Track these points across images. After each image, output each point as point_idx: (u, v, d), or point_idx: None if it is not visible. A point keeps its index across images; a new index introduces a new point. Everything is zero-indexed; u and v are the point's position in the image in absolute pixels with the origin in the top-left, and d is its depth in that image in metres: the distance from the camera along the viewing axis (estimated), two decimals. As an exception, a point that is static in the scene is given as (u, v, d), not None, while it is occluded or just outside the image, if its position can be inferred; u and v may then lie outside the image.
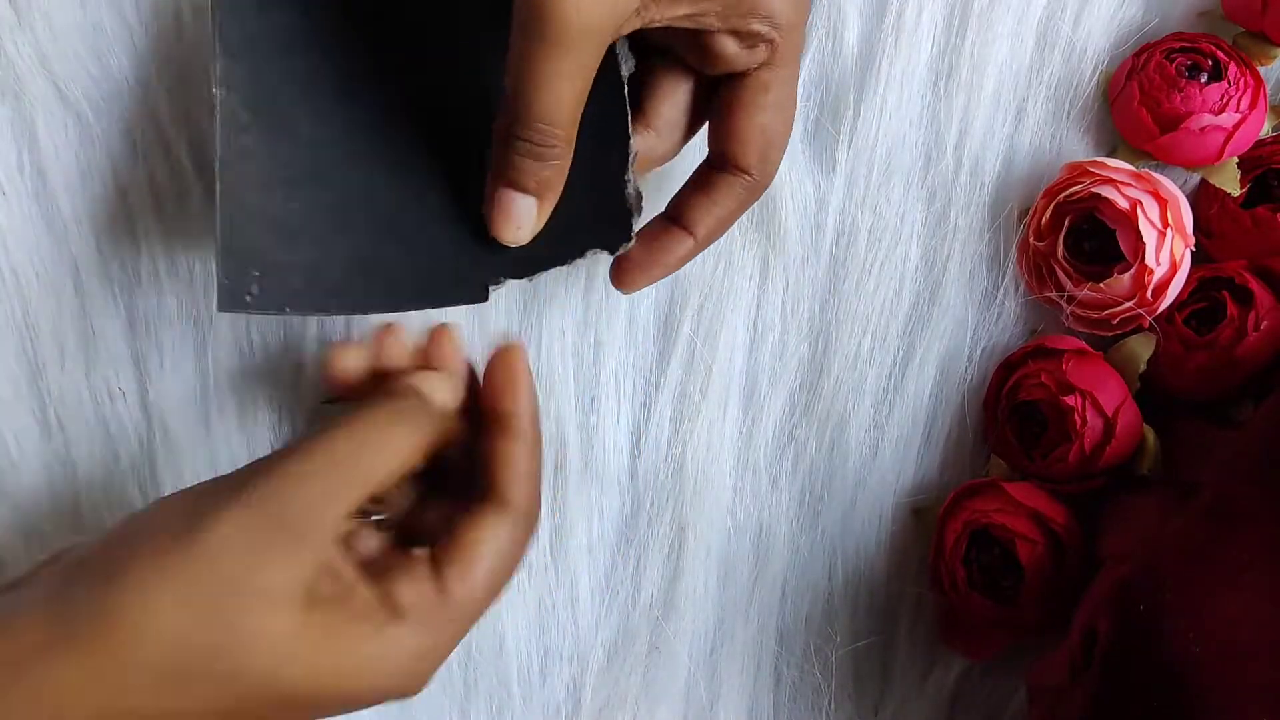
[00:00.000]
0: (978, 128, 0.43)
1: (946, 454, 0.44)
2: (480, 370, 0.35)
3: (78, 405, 0.41)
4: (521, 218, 0.35)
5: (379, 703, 0.31)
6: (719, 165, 0.36)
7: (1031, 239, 0.42)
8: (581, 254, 0.36)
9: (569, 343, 0.43)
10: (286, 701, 0.29)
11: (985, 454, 0.44)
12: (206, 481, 0.31)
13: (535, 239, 0.35)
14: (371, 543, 0.33)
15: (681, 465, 0.43)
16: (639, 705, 0.44)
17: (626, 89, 0.36)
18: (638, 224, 0.37)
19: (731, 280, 0.43)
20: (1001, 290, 0.43)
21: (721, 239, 0.43)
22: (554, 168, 0.34)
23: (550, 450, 0.43)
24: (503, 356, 0.35)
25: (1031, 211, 0.42)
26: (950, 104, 0.43)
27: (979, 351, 0.44)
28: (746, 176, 0.36)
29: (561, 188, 0.35)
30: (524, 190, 0.34)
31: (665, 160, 0.38)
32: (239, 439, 0.42)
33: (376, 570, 0.31)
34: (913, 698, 0.44)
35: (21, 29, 0.39)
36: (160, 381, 0.41)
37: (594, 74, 0.32)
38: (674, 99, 0.37)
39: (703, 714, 0.45)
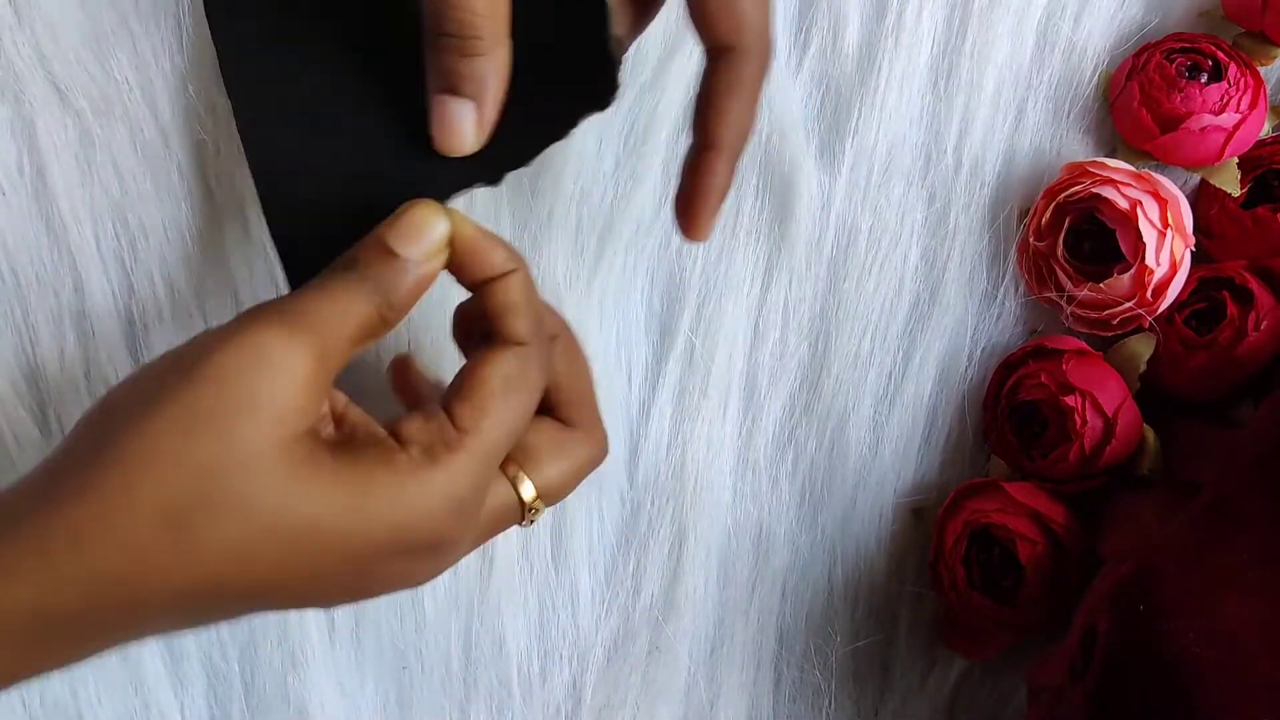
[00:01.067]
0: (978, 128, 0.43)
1: (946, 454, 0.44)
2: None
3: (78, 405, 0.41)
4: (460, 124, 0.32)
5: (409, 554, 0.30)
6: (714, 55, 0.33)
7: (1031, 239, 0.42)
8: (573, 124, 0.33)
9: (569, 343, 0.43)
10: (301, 540, 0.28)
11: (985, 454, 0.44)
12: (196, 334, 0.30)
13: (499, 135, 0.33)
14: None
15: (681, 465, 0.43)
16: (639, 705, 0.44)
17: None
18: (624, 73, 0.34)
19: (731, 280, 0.43)
20: (1001, 290, 0.43)
21: (722, 238, 0.43)
22: (485, 63, 0.31)
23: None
24: (458, 242, 0.32)
25: (1031, 211, 0.42)
26: (950, 104, 0.43)
27: (979, 351, 0.44)
28: (736, 55, 0.33)
29: (503, 86, 0.32)
30: (458, 94, 0.32)
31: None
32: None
33: (386, 423, 0.31)
34: (913, 698, 0.44)
35: (21, 29, 0.39)
36: (160, 381, 0.41)
37: None
38: None
39: (703, 714, 0.45)
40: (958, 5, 0.43)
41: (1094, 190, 0.40)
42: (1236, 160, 0.41)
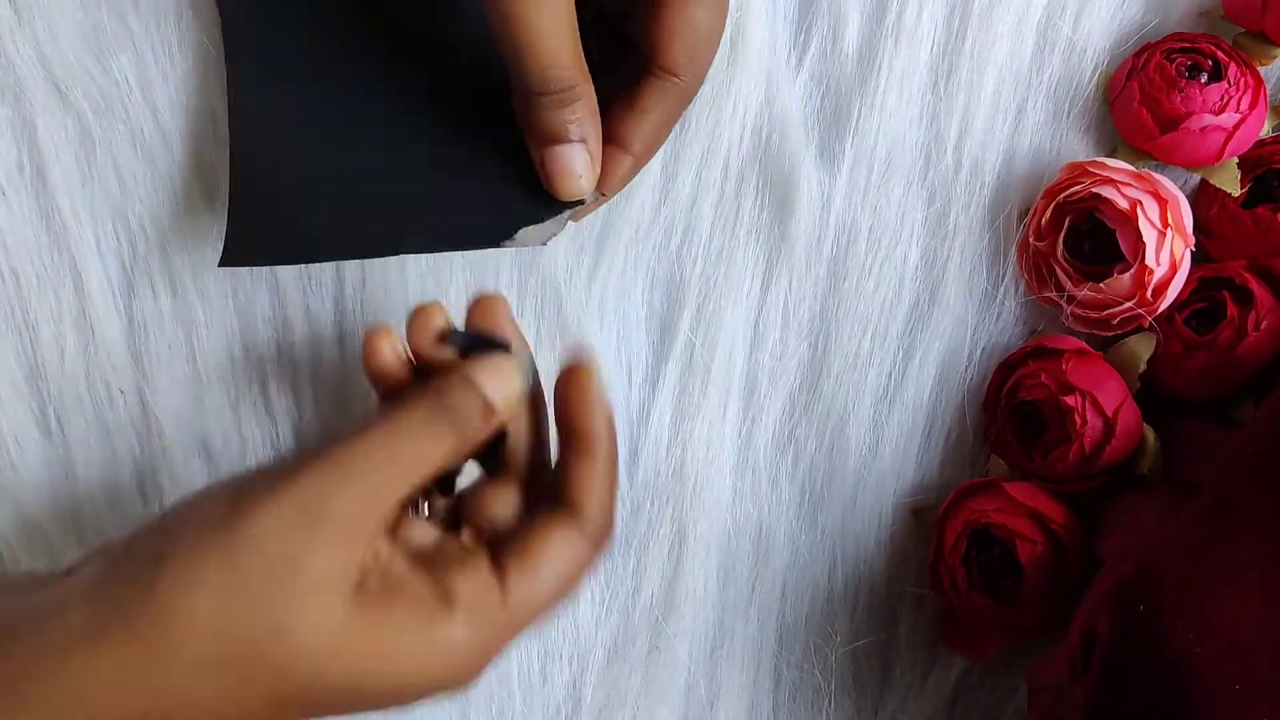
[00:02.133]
0: (978, 128, 0.43)
1: (946, 454, 0.44)
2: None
3: (78, 405, 0.41)
4: (577, 167, 0.34)
5: (428, 698, 0.31)
6: (646, 69, 0.35)
7: (1031, 239, 0.42)
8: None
9: (568, 343, 0.43)
10: (333, 695, 0.29)
11: (985, 454, 0.44)
12: (249, 470, 0.30)
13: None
14: (424, 533, 0.32)
15: (681, 465, 0.43)
16: (639, 705, 0.44)
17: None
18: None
19: (731, 280, 0.43)
20: (1001, 290, 0.43)
21: (723, 238, 0.43)
22: (583, 106, 0.33)
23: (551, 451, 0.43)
24: (573, 374, 0.33)
25: (1031, 211, 0.42)
26: (950, 104, 0.43)
27: (979, 351, 0.44)
28: (674, 79, 0.35)
29: (599, 122, 0.34)
30: (567, 141, 0.33)
31: (693, 95, 0.37)
32: (236, 441, 0.42)
33: (430, 561, 0.31)
34: (913, 698, 0.44)
35: (21, 29, 0.39)
36: (159, 381, 0.41)
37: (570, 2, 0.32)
38: (690, 30, 0.35)
39: (703, 714, 0.45)
40: (958, 5, 0.43)
41: (1094, 190, 0.40)
42: (1236, 160, 0.41)
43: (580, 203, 0.36)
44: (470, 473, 0.36)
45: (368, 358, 0.34)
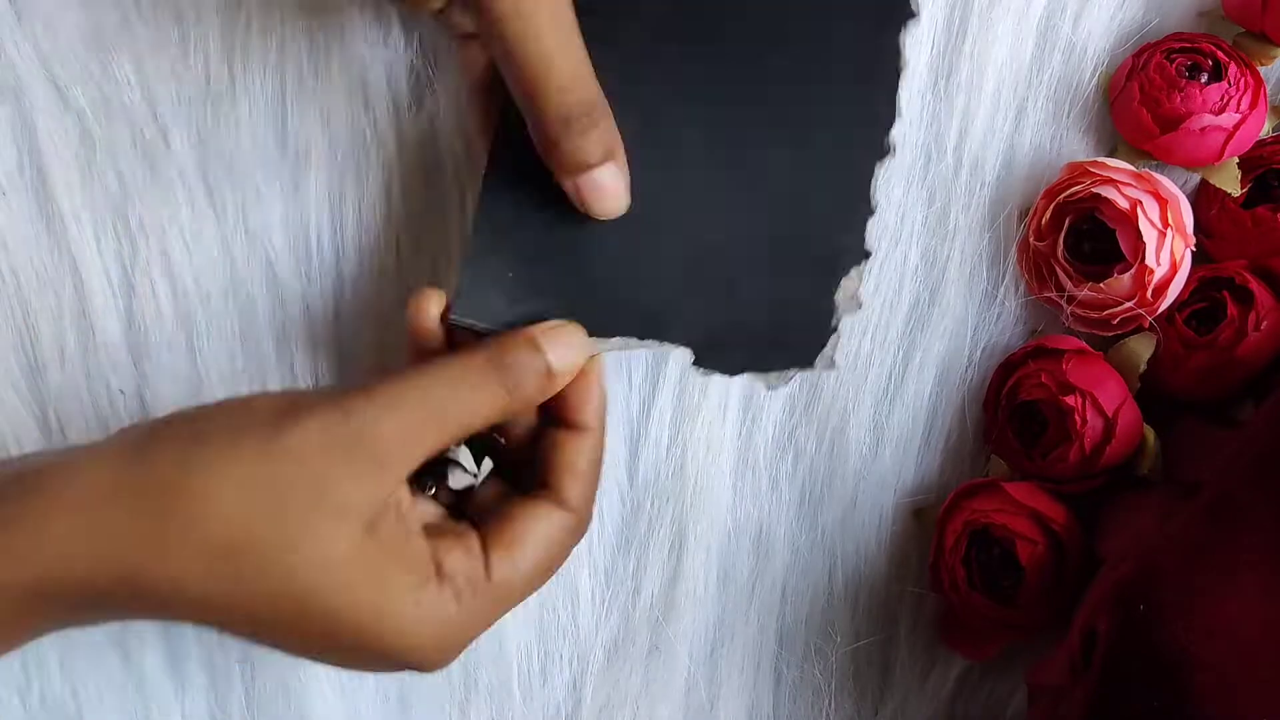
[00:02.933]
0: (978, 128, 0.43)
1: (946, 454, 0.44)
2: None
3: (78, 405, 0.41)
4: (608, 186, 0.34)
5: (397, 666, 0.31)
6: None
7: (1031, 239, 0.42)
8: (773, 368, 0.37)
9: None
10: (321, 623, 0.29)
11: (985, 454, 0.44)
12: (302, 389, 0.31)
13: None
14: (428, 510, 0.33)
15: (681, 465, 0.43)
16: (639, 705, 0.44)
17: None
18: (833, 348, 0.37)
19: (731, 280, 0.43)
20: (1001, 290, 0.43)
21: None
22: (603, 126, 0.33)
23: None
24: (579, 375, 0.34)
25: (1031, 211, 0.42)
26: (950, 104, 0.43)
27: (979, 351, 0.44)
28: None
29: (619, 138, 0.34)
30: (593, 164, 0.33)
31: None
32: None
33: (432, 533, 0.31)
34: (913, 698, 0.44)
35: (21, 29, 0.39)
36: (159, 382, 0.41)
37: (572, 12, 0.31)
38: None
39: (703, 714, 0.45)
40: (958, 5, 0.43)
41: (1094, 190, 0.40)
42: (1236, 160, 0.41)
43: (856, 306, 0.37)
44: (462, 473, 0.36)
45: (415, 314, 0.34)
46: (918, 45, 0.43)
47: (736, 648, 0.44)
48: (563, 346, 0.33)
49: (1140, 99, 0.41)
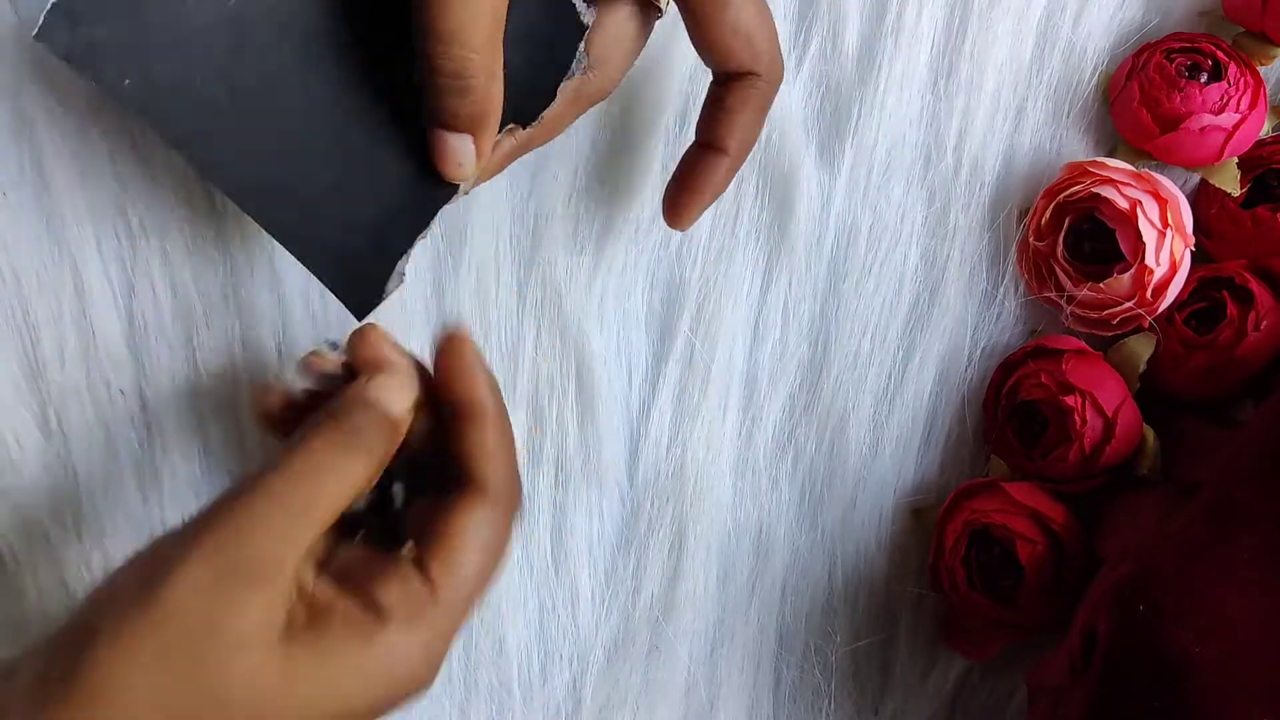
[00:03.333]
0: (978, 128, 0.43)
1: (946, 454, 0.44)
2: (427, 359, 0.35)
3: (78, 405, 0.41)
4: (459, 155, 0.34)
5: (394, 708, 0.31)
6: (719, 79, 0.36)
7: (1031, 239, 0.42)
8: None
9: (569, 343, 0.43)
10: None
11: (985, 454, 0.44)
12: (159, 537, 0.30)
13: None
14: (349, 554, 0.32)
15: (681, 465, 0.43)
16: (639, 705, 0.44)
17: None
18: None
19: (731, 280, 0.43)
20: (1001, 290, 0.43)
21: (722, 238, 0.43)
22: (479, 102, 0.33)
23: (551, 451, 0.43)
24: (449, 345, 0.34)
25: (1031, 211, 0.42)
26: (950, 104, 0.43)
27: (979, 351, 0.44)
28: (750, 77, 0.35)
29: (497, 118, 0.34)
30: (456, 129, 0.33)
31: (604, 96, 0.37)
32: (236, 440, 0.42)
33: (357, 580, 0.31)
34: (913, 698, 0.44)
35: (22, 29, 0.39)
36: (159, 382, 0.41)
37: None
38: (610, 32, 0.35)
39: (703, 714, 0.45)
40: (958, 5, 0.43)
41: (1094, 190, 0.40)
42: (1236, 160, 0.41)
43: (454, 192, 0.35)
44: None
45: (254, 409, 0.35)
46: (918, 45, 0.43)
47: (736, 648, 0.44)
48: (394, 390, 0.33)
49: (1140, 99, 0.41)
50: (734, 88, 0.35)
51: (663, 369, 0.43)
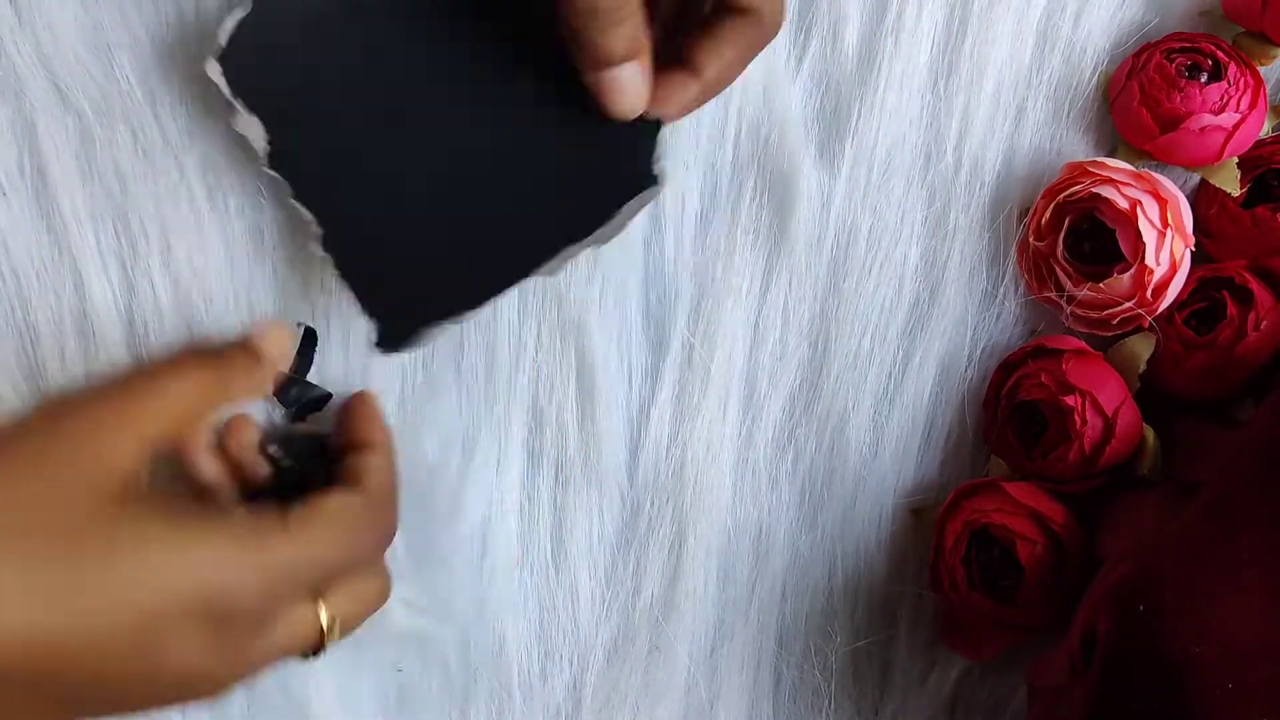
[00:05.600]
0: (978, 128, 0.43)
1: (946, 454, 0.44)
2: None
3: (78, 405, 0.41)
4: (628, 85, 0.34)
5: (203, 616, 0.29)
6: (716, 8, 0.35)
7: (1031, 239, 0.42)
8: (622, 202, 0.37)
9: (569, 343, 0.43)
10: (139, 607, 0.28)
11: (985, 454, 0.44)
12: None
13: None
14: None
15: (681, 465, 0.43)
16: (639, 705, 0.44)
17: None
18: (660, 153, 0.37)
19: (731, 280, 0.43)
20: (1001, 290, 0.43)
21: (722, 238, 0.43)
22: (635, 27, 0.33)
23: (551, 451, 0.43)
24: (364, 395, 0.39)
25: (1031, 211, 0.42)
26: (950, 104, 0.43)
27: (979, 351, 0.44)
28: (751, 14, 0.35)
29: (649, 37, 0.34)
30: (616, 60, 0.33)
31: (774, 37, 0.37)
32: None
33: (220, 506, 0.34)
34: (913, 698, 0.44)
35: (21, 29, 0.39)
36: (160, 381, 0.41)
37: None
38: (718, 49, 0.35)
39: (703, 714, 0.45)
40: (958, 5, 0.43)
41: (1094, 190, 0.40)
42: (1236, 160, 0.41)
43: (657, 128, 0.36)
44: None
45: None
46: (918, 45, 0.43)
47: (736, 648, 0.44)
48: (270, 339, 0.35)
49: (1140, 99, 0.41)
50: (731, 21, 0.35)
51: (662, 369, 0.43)
